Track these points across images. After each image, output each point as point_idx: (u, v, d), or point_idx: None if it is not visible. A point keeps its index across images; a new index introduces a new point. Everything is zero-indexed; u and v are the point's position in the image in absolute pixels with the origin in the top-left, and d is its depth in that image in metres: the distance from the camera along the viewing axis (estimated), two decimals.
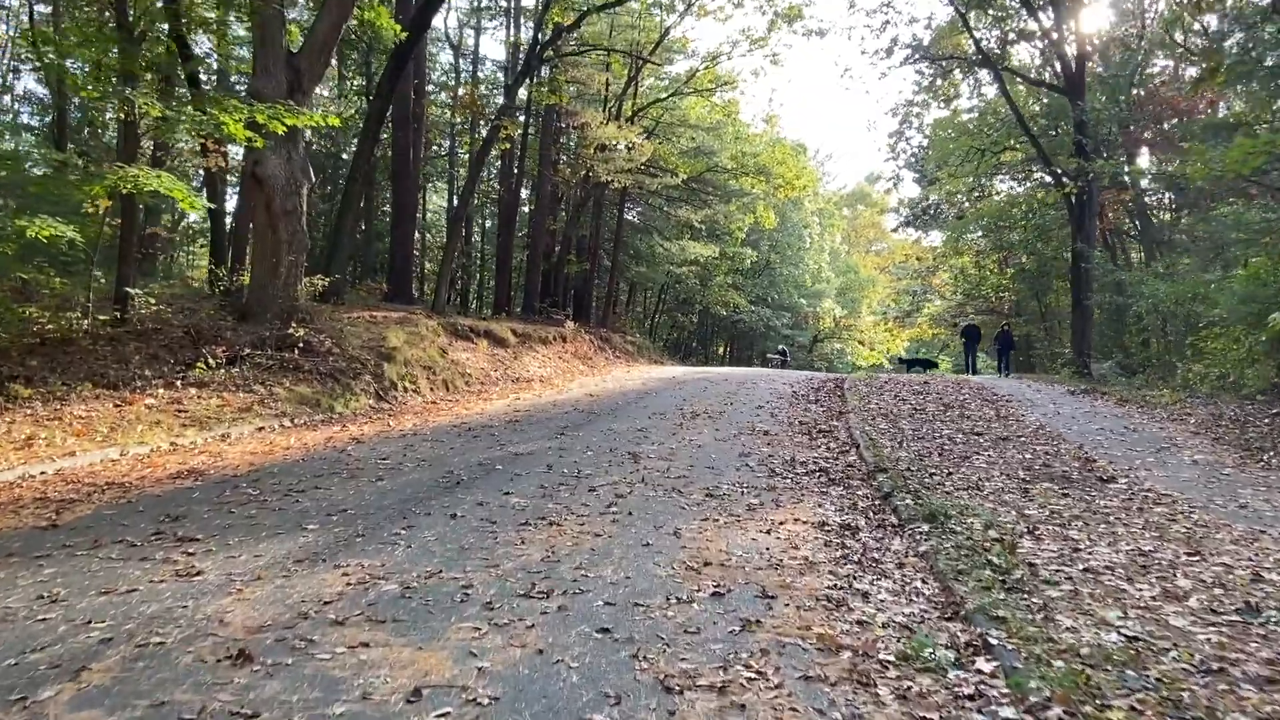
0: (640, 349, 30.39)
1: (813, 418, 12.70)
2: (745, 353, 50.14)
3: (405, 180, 21.11)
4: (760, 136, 36.43)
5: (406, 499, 6.74)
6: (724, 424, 11.68)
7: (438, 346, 17.13)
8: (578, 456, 8.85)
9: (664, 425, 11.41)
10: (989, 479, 7.87)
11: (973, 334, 26.18)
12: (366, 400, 13.35)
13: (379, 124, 18.79)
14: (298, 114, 12.27)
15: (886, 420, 12.18)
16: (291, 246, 14.30)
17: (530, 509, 6.45)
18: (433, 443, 9.74)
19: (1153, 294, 18.59)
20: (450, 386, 15.94)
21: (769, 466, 8.57)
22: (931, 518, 6.07)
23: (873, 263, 61.88)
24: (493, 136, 20.15)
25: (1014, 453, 9.31)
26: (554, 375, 20.08)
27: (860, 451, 9.40)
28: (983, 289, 34.28)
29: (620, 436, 10.32)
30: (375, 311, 18.21)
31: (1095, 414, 12.68)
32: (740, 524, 6.19)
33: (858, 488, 7.64)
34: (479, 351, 19.05)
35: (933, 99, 31.49)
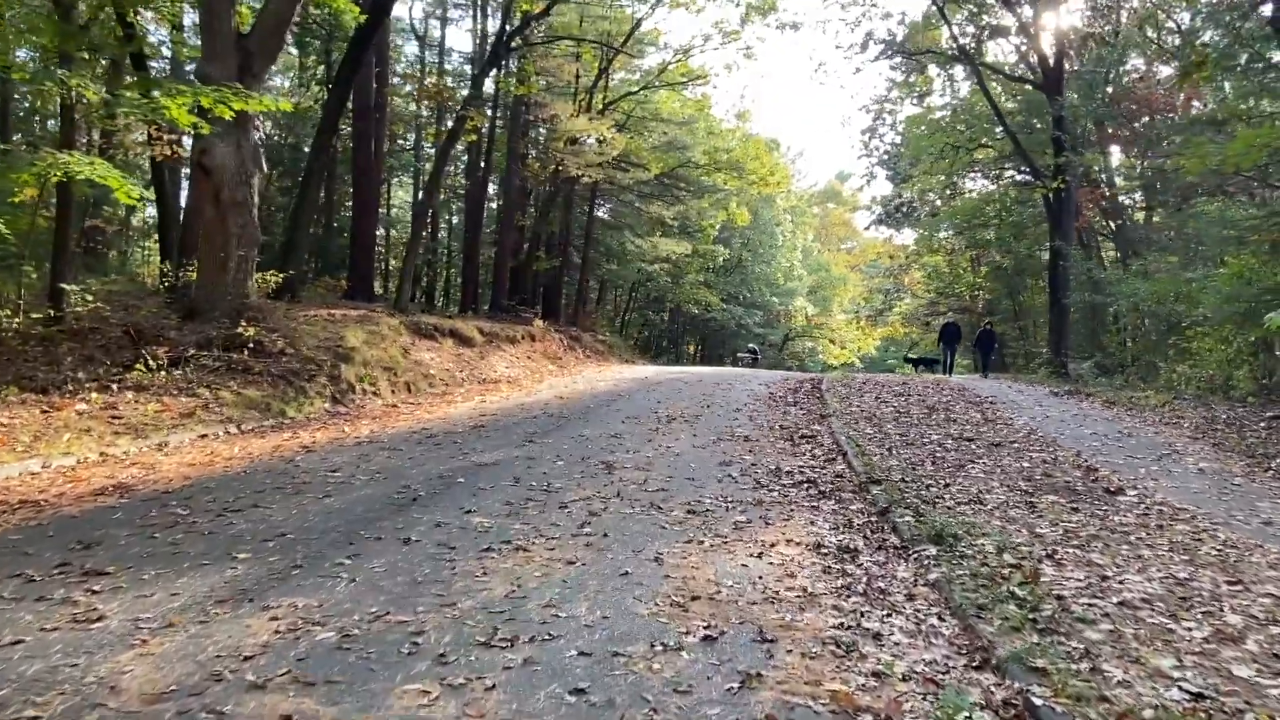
0: (611, 348, 29.74)
1: (794, 421, 12.14)
2: (716, 351, 49.67)
3: (366, 173, 20.27)
4: (733, 132, 35.92)
5: (355, 520, 6.05)
6: (702, 429, 11.08)
7: (399, 346, 16.36)
8: (547, 467, 8.20)
9: (639, 431, 10.78)
10: (989, 491, 7.33)
11: (951, 333, 24.93)
12: (322, 404, 12.58)
13: (338, 113, 17.96)
14: (246, 98, 11.47)
15: (871, 424, 11.65)
16: (242, 240, 13.48)
17: (494, 531, 5.79)
18: (390, 451, 9.03)
19: (1133, 293, 18.28)
20: (412, 388, 15.19)
21: (753, 477, 7.98)
22: (938, 539, 5.50)
23: (843, 261, 61.74)
24: (458, 128, 19.38)
25: (1010, 460, 8.80)
26: (522, 376, 19.37)
27: (848, 460, 8.84)
28: (957, 287, 34.01)
29: (593, 444, 9.67)
30: (334, 309, 17.40)
31: (1085, 417, 12.25)
32: (728, 546, 5.58)
33: (850, 502, 7.06)
34: (444, 351, 18.30)
35: (906, 95, 31.23)
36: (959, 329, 25.80)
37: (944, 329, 25.41)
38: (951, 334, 24.79)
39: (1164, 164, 23.74)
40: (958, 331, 25.38)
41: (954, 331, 25.00)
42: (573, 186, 29.00)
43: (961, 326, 26.88)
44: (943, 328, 25.77)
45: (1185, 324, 16.40)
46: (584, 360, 24.96)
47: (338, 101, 17.67)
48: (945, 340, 24.78)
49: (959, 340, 25.21)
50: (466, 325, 20.30)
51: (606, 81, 29.11)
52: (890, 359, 63.60)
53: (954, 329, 25.18)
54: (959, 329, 25.80)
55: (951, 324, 25.79)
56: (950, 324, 25.80)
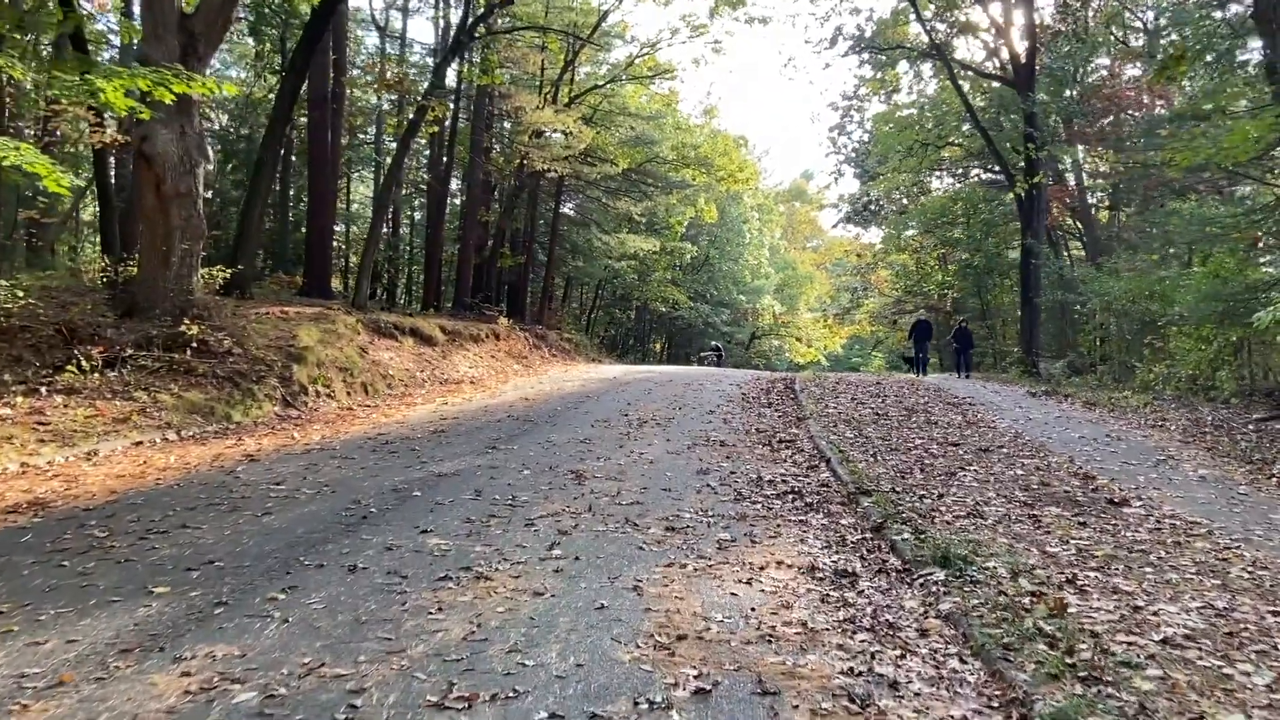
0: (577, 347, 29.11)
1: (770, 424, 11.63)
2: (683, 350, 49.19)
3: (322, 165, 19.43)
4: (701, 128, 35.42)
5: (296, 543, 5.40)
6: (675, 433, 10.53)
7: (356, 345, 15.61)
8: (512, 477, 7.58)
9: (609, 436, 10.20)
10: (987, 502, 6.86)
11: (923, 331, 23.38)
12: (271, 407, 11.83)
13: (292, 101, 17.12)
14: (188, 80, 10.68)
15: (850, 427, 11.18)
16: (186, 233, 12.66)
17: (452, 555, 5.18)
18: (341, 460, 8.35)
19: (1106, 292, 18.05)
20: (370, 390, 14.47)
21: (733, 487, 7.44)
22: (944, 561, 4.99)
23: (809, 260, 61.61)
24: (419, 118, 18.61)
25: (1002, 468, 8.35)
26: (486, 376, 18.70)
27: (832, 467, 8.34)
28: (925, 286, 33.82)
29: (560, 450, 9.07)
30: (287, 307, 16.59)
31: (1068, 420, 11.89)
32: (713, 570, 5.02)
33: (840, 515, 6.55)
34: (404, 351, 17.57)
35: (875, 92, 30.96)
36: (930, 326, 24.41)
37: (915, 326, 23.97)
38: (923, 332, 23.43)
39: (1129, 161, 23.68)
40: (929, 329, 24.02)
41: (925, 329, 23.64)
42: (538, 181, 28.32)
43: (933, 324, 25.52)
44: (913, 325, 24.29)
45: (1161, 323, 16.18)
46: (550, 359, 24.33)
47: (291, 89, 16.84)
48: (916, 338, 23.37)
49: (931, 338, 23.82)
50: (428, 323, 19.57)
51: (573, 75, 28.46)
52: (855, 357, 63.65)
53: (925, 326, 23.81)
54: (930, 326, 24.41)
55: (923, 321, 24.27)
56: (921, 321, 24.27)
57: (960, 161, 33.94)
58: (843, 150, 36.71)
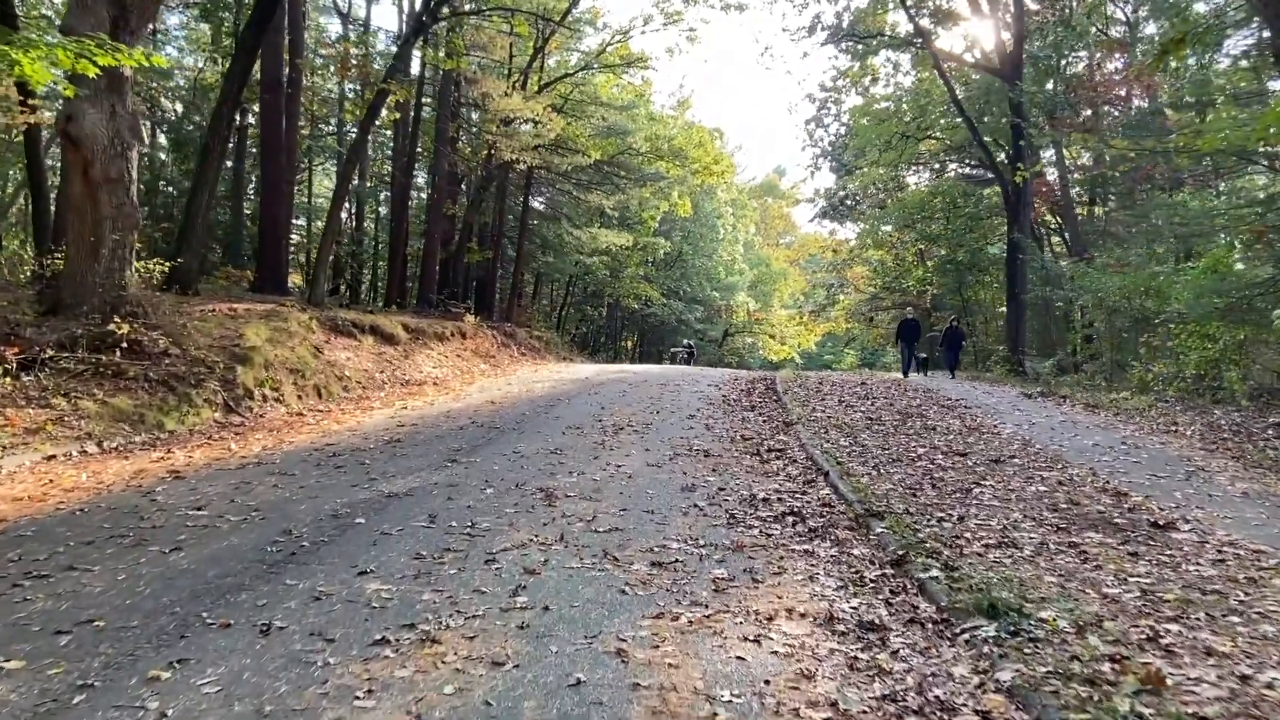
0: (548, 345, 28.12)
1: (756, 430, 10.79)
2: (656, 347, 48.34)
3: (275, 152, 18.28)
4: (675, 119, 34.52)
5: (203, 590, 4.44)
6: (655, 441, 9.65)
7: (310, 345, 14.55)
8: (473, 498, 6.65)
9: (582, 444, 9.29)
10: (1016, 526, 6.04)
11: (910, 330, 21.86)
12: (211, 414, 10.77)
13: (241, 83, 15.98)
14: (113, 51, 9.59)
15: (843, 434, 10.36)
16: (117, 222, 11.52)
17: (394, 606, 4.25)
18: (279, 477, 7.36)
19: (1099, 288, 17.42)
20: (324, 393, 13.42)
21: (724, 508, 6.57)
22: (991, 610, 4.14)
23: (782, 256, 60.94)
24: (379, 102, 17.53)
25: (1020, 482, 7.55)
26: (450, 377, 17.69)
27: (831, 482, 7.49)
28: (904, 282, 33.17)
29: (529, 463, 8.14)
30: (237, 304, 15.49)
31: (1074, 425, 11.15)
32: (712, 623, 4.14)
33: (851, 544, 5.69)
34: (363, 350, 16.52)
35: (857, 80, 30.28)
36: (918, 325, 22.70)
37: (902, 325, 22.36)
38: (910, 331, 21.90)
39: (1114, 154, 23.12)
40: (917, 328, 22.38)
41: (912, 328, 22.08)
42: (507, 174, 27.28)
43: (920, 323, 23.66)
44: (900, 324, 22.71)
45: (1158, 321, 15.54)
46: (519, 358, 23.34)
47: (241, 69, 15.69)
48: (904, 338, 21.84)
49: (919, 338, 22.22)
50: (390, 321, 18.51)
51: (543, 62, 27.44)
52: (827, 355, 63.12)
53: (912, 325, 22.20)
54: (918, 325, 22.70)
55: (910, 320, 22.62)
56: (908, 320, 22.61)
57: (938, 156, 33.38)
58: (819, 143, 36.01)
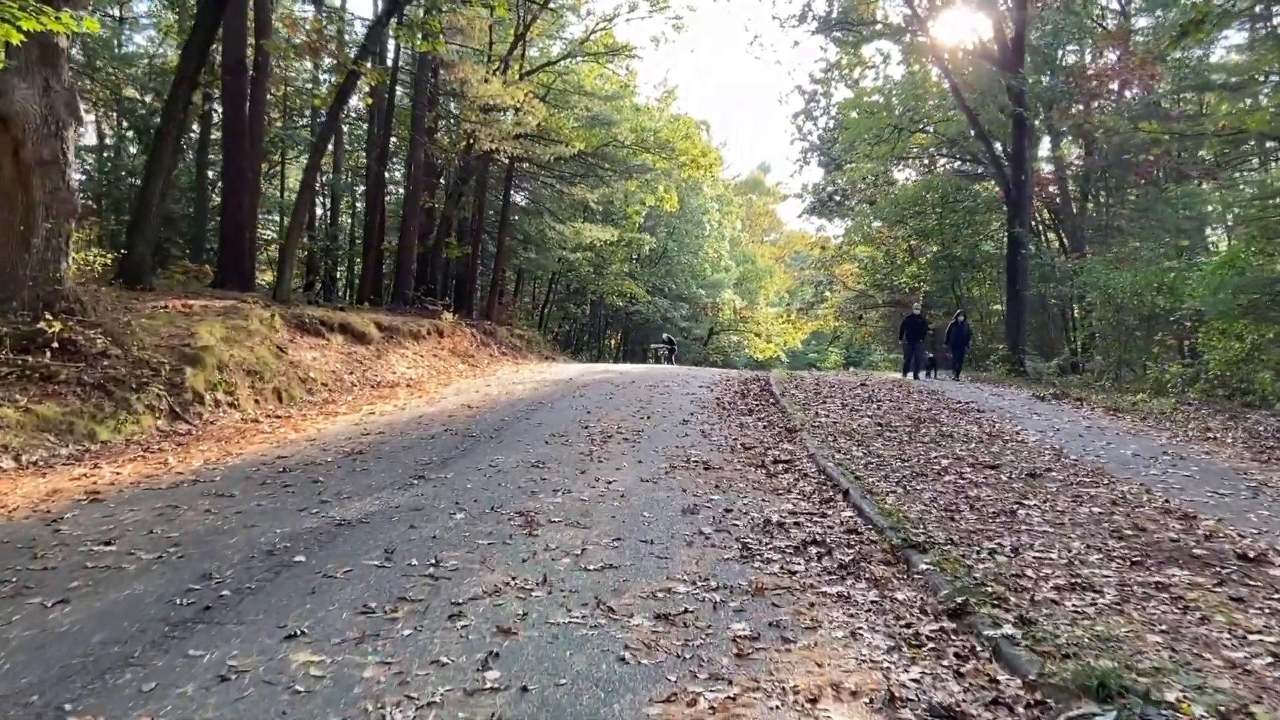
0: (529, 344, 27.09)
1: (757, 438, 9.85)
2: (640, 346, 47.39)
3: (238, 137, 17.13)
4: (661, 110, 33.52)
5: (78, 667, 3.42)
6: (647, 451, 8.68)
7: (272, 344, 13.49)
8: (439, 525, 5.66)
9: (568, 456, 8.31)
10: (1081, 559, 5.12)
11: (916, 327, 20.42)
12: (153, 421, 9.70)
13: (199, 62, 14.88)
14: (37, 15, 8.51)
15: (853, 442, 9.43)
16: (52, 209, 10.42)
17: (325, 688, 3.25)
18: (215, 499, 6.34)
19: (1108, 284, 16.61)
20: (285, 396, 12.36)
21: (734, 535, 5.62)
22: (1099, 690, 3.20)
23: (768, 253, 60.06)
24: (349, 85, 16.45)
25: (1067, 501, 6.63)
26: (426, 378, 16.65)
27: (853, 501, 6.55)
28: (896, 279, 32.32)
29: (507, 479, 7.16)
30: (193, 300, 14.39)
31: (1102, 431, 10.29)
32: (741, 709, 3.18)
33: (890, 583, 4.74)
34: (331, 350, 15.47)
35: (851, 68, 29.48)
36: (924, 323, 21.19)
37: (907, 322, 20.95)
38: (916, 328, 20.46)
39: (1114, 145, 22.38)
40: (923, 326, 20.93)
41: (918, 326, 20.62)
42: (487, 166, 26.21)
43: (926, 320, 21.93)
44: (905, 321, 21.21)
45: (1173, 318, 14.74)
46: (499, 358, 22.31)
47: (199, 46, 14.58)
48: (909, 336, 20.46)
49: (925, 335, 20.90)
50: (361, 319, 17.45)
51: (524, 50, 26.37)
52: (811, 353, 62.32)
53: (918, 323, 20.74)
54: (924, 323, 21.19)
55: (915, 317, 21.07)
56: (914, 317, 21.08)
57: (928, 150, 32.63)
58: (808, 137, 35.21)
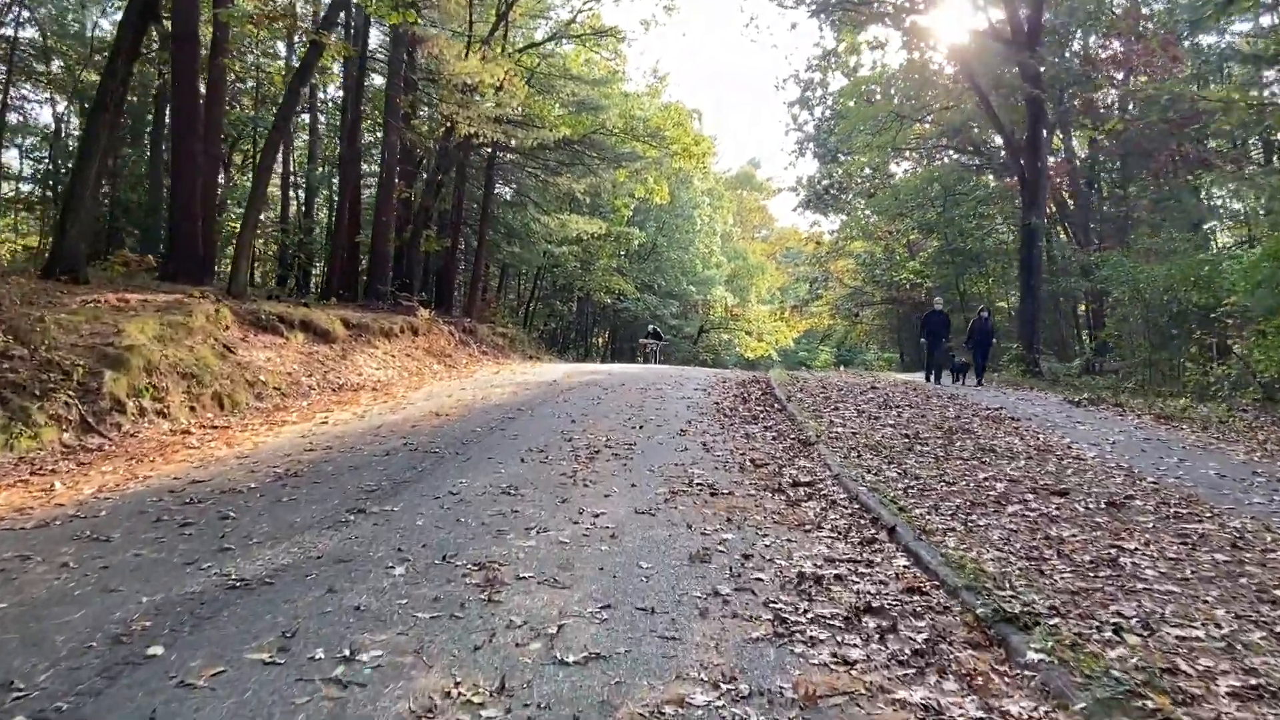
0: (513, 342, 25.61)
1: (768, 452, 8.46)
2: (628, 344, 45.92)
3: (191, 116, 15.57)
4: (651, 98, 32.07)
5: None
6: (642, 470, 7.27)
7: (217, 344, 12.00)
8: (367, 589, 4.22)
9: (547, 478, 6.88)
10: (1240, 639, 3.73)
11: (938, 325, 17.76)
12: (57, 434, 8.21)
13: (139, 30, 13.35)
14: None
15: (881, 458, 8.04)
16: None
17: None
18: (84, 545, 4.88)
19: (1136, 278, 15.30)
20: (227, 403, 10.88)
21: (761, 598, 4.22)
22: None
23: (759, 250, 58.64)
24: (312, 58, 14.92)
25: (1175, 542, 5.22)
26: (395, 380, 15.19)
27: (906, 544, 5.15)
28: (896, 274, 30.96)
29: (468, 513, 5.73)
30: (133, 294, 12.88)
31: (1163, 444, 8.95)
32: None
33: (993, 684, 3.34)
34: (289, 349, 13.99)
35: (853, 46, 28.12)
36: (947, 319, 18.47)
37: (928, 319, 18.17)
38: (939, 325, 17.75)
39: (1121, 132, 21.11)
40: (947, 323, 18.21)
41: (942, 322, 17.93)
42: (467, 153, 24.72)
43: (949, 316, 19.16)
44: (925, 318, 18.47)
45: (1213, 315, 13.45)
46: (478, 358, 20.85)
47: (139, 11, 13.04)
48: (930, 335, 17.82)
49: (948, 333, 18.28)
50: (327, 315, 15.97)
51: (505, 31, 24.86)
52: (802, 351, 60.99)
53: (941, 319, 18.01)
54: (947, 319, 18.47)
55: (937, 313, 18.27)
56: (935, 313, 18.25)
57: (928, 140, 31.32)
58: (804, 128, 33.85)
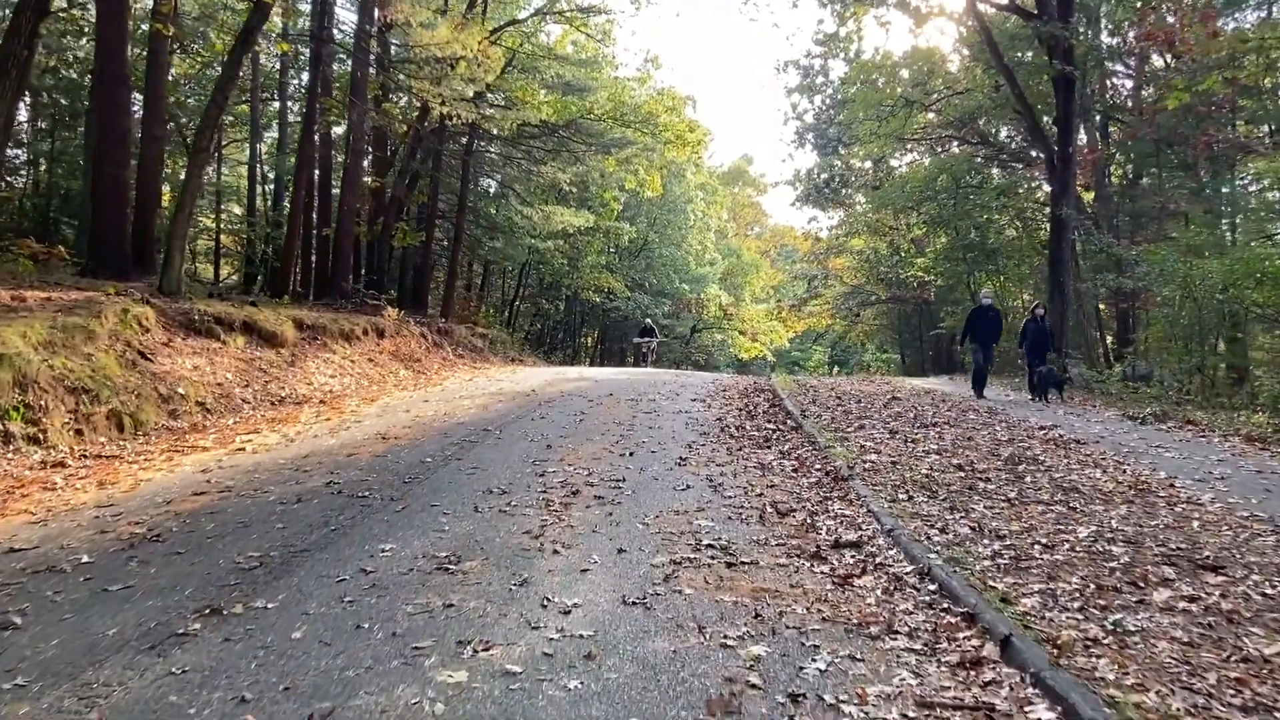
0: (493, 344, 23.73)
1: (792, 492, 6.63)
2: (618, 345, 44.05)
3: (115, 84, 13.59)
4: (643, 82, 30.14)
5: None
6: (631, 525, 5.43)
7: (130, 350, 10.10)
8: None
9: (502, 543, 5.02)
10: None
11: (989, 325, 14.40)
12: None
13: None
14: None
15: (936, 501, 6.23)
16: None
17: None
18: None
19: (1188, 275, 13.56)
20: (129, 423, 8.97)
21: None
22: None
23: (753, 247, 56.81)
24: (255, 21, 12.95)
25: None
26: (349, 390, 13.31)
27: (1029, 670, 3.31)
28: (904, 271, 29.15)
29: (378, 613, 3.86)
30: (32, 292, 10.99)
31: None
32: None
33: None
34: (226, 356, 12.09)
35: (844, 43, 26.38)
36: (999, 318, 14.94)
37: (973, 317, 14.67)
38: (989, 326, 14.42)
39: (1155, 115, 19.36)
40: (999, 323, 14.79)
41: (993, 322, 14.53)
42: (443, 140, 22.83)
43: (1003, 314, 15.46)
44: (972, 316, 14.85)
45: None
46: (453, 362, 18.96)
47: None
48: (979, 338, 14.37)
49: (1000, 335, 14.95)
50: (276, 316, 14.07)
51: (485, 6, 22.97)
52: (795, 351, 59.22)
53: (992, 319, 14.53)
54: (999, 318, 14.94)
55: (987, 309, 14.64)
56: (984, 309, 14.66)
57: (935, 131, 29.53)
58: (803, 117, 32.07)
